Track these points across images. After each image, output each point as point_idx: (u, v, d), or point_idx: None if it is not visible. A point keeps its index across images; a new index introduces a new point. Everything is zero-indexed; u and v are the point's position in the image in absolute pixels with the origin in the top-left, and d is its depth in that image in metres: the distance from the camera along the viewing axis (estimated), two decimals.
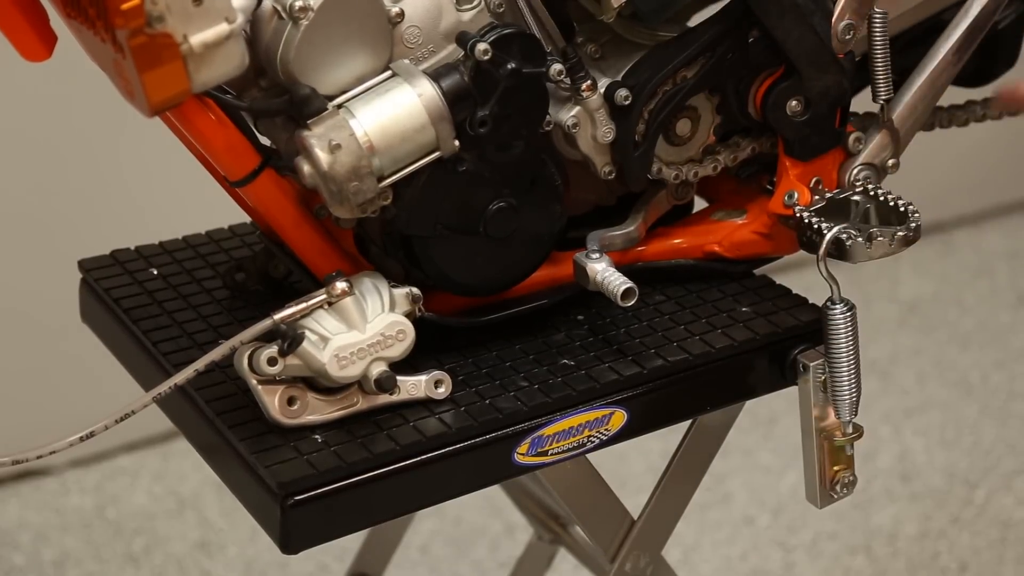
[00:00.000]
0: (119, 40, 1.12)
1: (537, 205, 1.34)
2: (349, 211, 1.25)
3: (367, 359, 1.26)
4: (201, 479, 2.56)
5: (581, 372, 1.34)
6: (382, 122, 1.23)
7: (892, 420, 2.66)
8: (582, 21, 1.36)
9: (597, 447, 1.35)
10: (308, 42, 1.22)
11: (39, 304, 2.47)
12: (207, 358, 1.25)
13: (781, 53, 1.40)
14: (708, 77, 1.39)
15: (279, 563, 2.41)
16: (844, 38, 1.39)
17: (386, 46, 1.27)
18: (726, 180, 1.49)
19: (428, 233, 1.31)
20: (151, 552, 2.45)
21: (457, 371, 1.34)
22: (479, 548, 2.46)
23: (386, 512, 1.36)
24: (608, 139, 1.37)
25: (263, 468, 1.24)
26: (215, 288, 1.47)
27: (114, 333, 1.47)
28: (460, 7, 1.29)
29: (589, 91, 1.34)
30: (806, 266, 1.55)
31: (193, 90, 1.17)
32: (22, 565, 2.42)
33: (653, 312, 1.42)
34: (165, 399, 1.27)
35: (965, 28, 1.43)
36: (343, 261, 1.33)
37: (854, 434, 1.39)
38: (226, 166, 1.27)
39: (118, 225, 1.96)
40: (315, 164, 1.23)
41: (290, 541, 1.24)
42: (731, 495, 2.55)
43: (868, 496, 2.50)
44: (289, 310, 1.26)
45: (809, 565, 2.41)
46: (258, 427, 1.27)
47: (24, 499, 2.55)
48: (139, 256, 1.52)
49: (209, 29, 1.14)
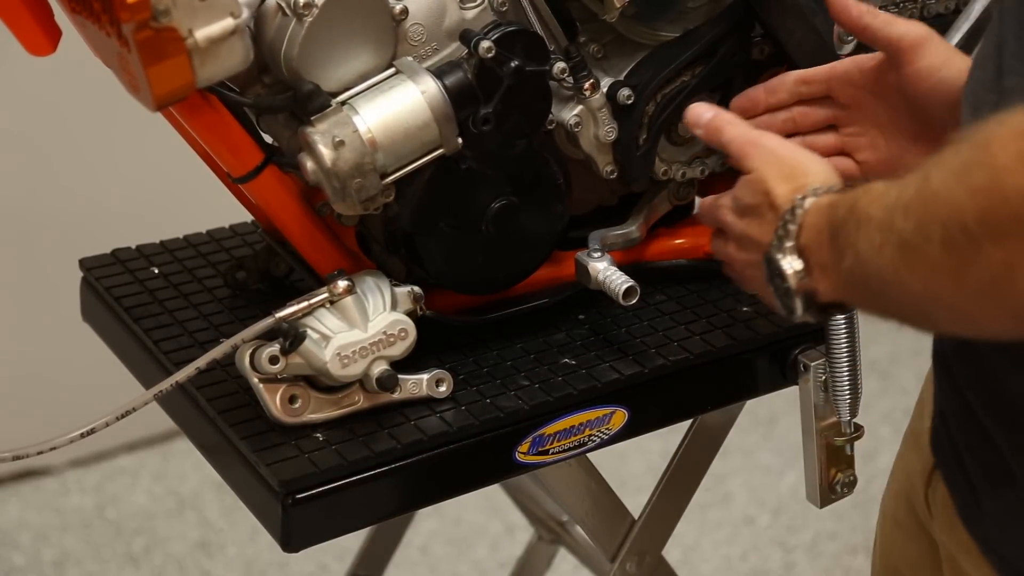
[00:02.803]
0: (124, 34, 1.12)
1: (539, 204, 1.34)
2: (352, 208, 1.25)
3: (369, 357, 1.26)
4: (201, 479, 2.56)
5: (582, 371, 1.34)
6: (385, 119, 1.23)
7: (892, 420, 2.66)
8: (585, 21, 1.36)
9: (598, 446, 1.35)
10: (312, 39, 1.22)
11: (39, 303, 2.47)
12: (208, 356, 1.25)
13: (783, 53, 1.40)
14: (710, 77, 1.39)
15: (279, 563, 2.41)
16: (846, 39, 1.39)
17: (390, 43, 1.27)
18: (727, 180, 1.49)
19: (430, 231, 1.31)
20: (151, 552, 2.45)
21: (458, 370, 1.34)
22: (479, 548, 2.46)
23: (387, 511, 1.36)
24: (610, 138, 1.37)
25: (264, 466, 1.24)
26: (216, 287, 1.47)
27: (115, 332, 1.47)
28: (464, 5, 1.29)
29: (591, 90, 1.34)
30: None
31: (197, 84, 1.17)
32: (22, 565, 2.42)
33: (654, 311, 1.42)
34: (166, 397, 1.27)
35: (966, 30, 1.43)
36: (345, 259, 1.33)
37: (854, 434, 1.39)
38: (229, 162, 1.27)
39: (119, 224, 1.97)
40: (318, 160, 1.23)
41: (291, 539, 1.24)
42: (731, 495, 2.55)
43: (868, 496, 2.50)
44: (291, 308, 1.25)
45: (809, 565, 2.41)
46: (259, 425, 1.27)
47: (24, 499, 2.55)
48: (140, 255, 1.52)
49: (214, 24, 1.14)
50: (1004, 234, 0.84)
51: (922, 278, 0.89)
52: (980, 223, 0.85)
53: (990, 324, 0.89)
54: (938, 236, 0.87)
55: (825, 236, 0.99)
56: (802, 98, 1.29)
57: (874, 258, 0.93)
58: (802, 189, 1.03)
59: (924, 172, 0.90)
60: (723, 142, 1.14)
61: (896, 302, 0.94)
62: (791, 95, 1.29)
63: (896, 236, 0.91)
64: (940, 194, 0.88)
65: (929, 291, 0.90)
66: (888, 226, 0.91)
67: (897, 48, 1.22)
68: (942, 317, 0.92)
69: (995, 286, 0.86)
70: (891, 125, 1.25)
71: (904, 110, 1.24)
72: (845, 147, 1.28)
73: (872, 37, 1.23)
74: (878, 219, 0.93)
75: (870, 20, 1.23)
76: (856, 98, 1.27)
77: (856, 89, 1.26)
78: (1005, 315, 0.87)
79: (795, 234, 1.01)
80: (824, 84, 1.28)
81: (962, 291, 0.88)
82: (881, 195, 0.93)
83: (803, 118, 1.29)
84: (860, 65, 1.26)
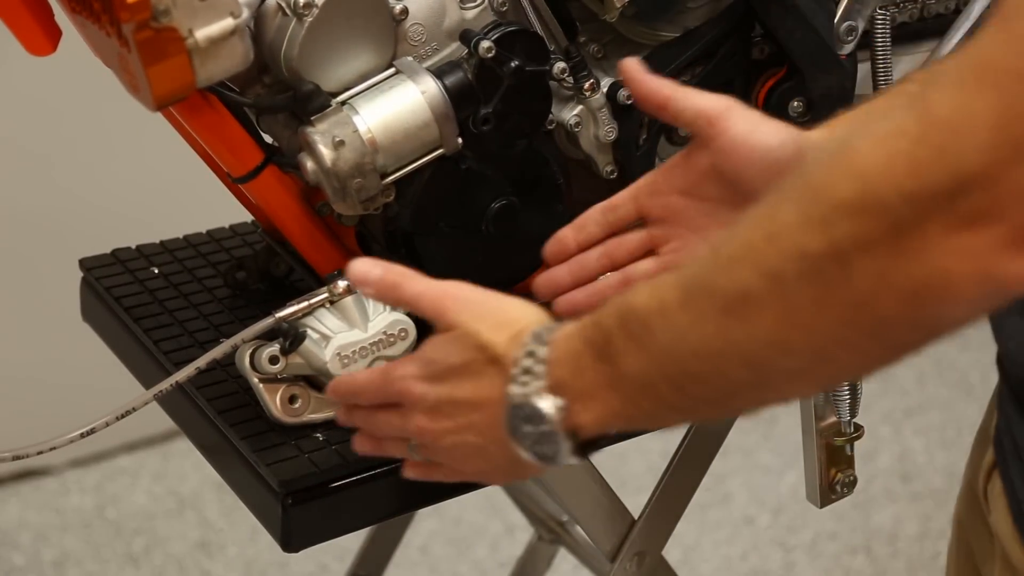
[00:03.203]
0: (124, 34, 1.12)
1: (539, 204, 1.34)
2: (352, 208, 1.25)
3: (369, 358, 1.26)
4: (201, 479, 2.56)
5: None
6: (385, 119, 1.23)
7: (892, 420, 2.67)
8: (585, 21, 1.36)
9: None
10: (312, 39, 1.22)
11: (39, 303, 2.47)
12: (208, 356, 1.25)
13: (783, 54, 1.40)
14: (710, 77, 1.39)
15: (279, 563, 2.41)
16: (846, 39, 1.39)
17: (390, 43, 1.27)
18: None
19: (430, 231, 1.31)
20: (151, 552, 2.45)
21: None
22: (479, 548, 2.46)
23: (387, 511, 1.36)
24: (610, 138, 1.37)
25: (264, 466, 1.24)
26: (216, 287, 1.47)
27: (115, 332, 1.46)
28: (464, 5, 1.29)
29: (591, 90, 1.34)
30: None
31: (198, 84, 1.17)
32: (22, 565, 2.42)
33: None
34: (166, 397, 1.27)
35: (967, 30, 1.43)
36: (345, 259, 1.33)
37: (854, 434, 1.39)
38: (229, 162, 1.27)
39: (119, 224, 1.96)
40: (318, 160, 1.23)
41: (291, 539, 1.24)
42: (731, 495, 2.55)
43: (868, 496, 2.50)
44: (291, 308, 1.26)
45: (809, 565, 2.41)
46: (259, 425, 1.27)
47: (24, 499, 2.55)
48: (140, 255, 1.52)
49: (214, 24, 1.14)
50: (875, 242, 0.80)
51: (766, 328, 0.84)
52: (851, 237, 0.80)
53: (847, 357, 0.84)
54: (796, 271, 0.82)
55: (587, 360, 0.94)
56: (612, 228, 1.22)
57: (688, 339, 0.88)
58: (522, 335, 0.98)
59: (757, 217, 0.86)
60: (407, 299, 1.06)
61: (722, 375, 0.88)
62: (601, 227, 1.22)
63: (723, 298, 0.86)
64: (795, 224, 0.82)
65: (777, 341, 0.84)
66: (703, 296, 0.87)
67: (705, 120, 1.14)
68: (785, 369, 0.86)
69: (861, 307, 0.81)
70: (712, 224, 1.18)
71: (720, 197, 1.16)
72: (667, 268, 1.13)
73: (675, 111, 1.16)
74: (678, 300, 0.88)
75: (670, 93, 1.16)
76: (667, 208, 1.19)
77: (665, 197, 1.19)
78: (864, 340, 0.83)
79: (543, 373, 0.96)
80: (631, 204, 1.21)
81: (821, 327, 0.83)
82: (663, 283, 0.90)
83: (617, 250, 1.22)
84: (663, 170, 1.20)
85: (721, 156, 1.14)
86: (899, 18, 1.46)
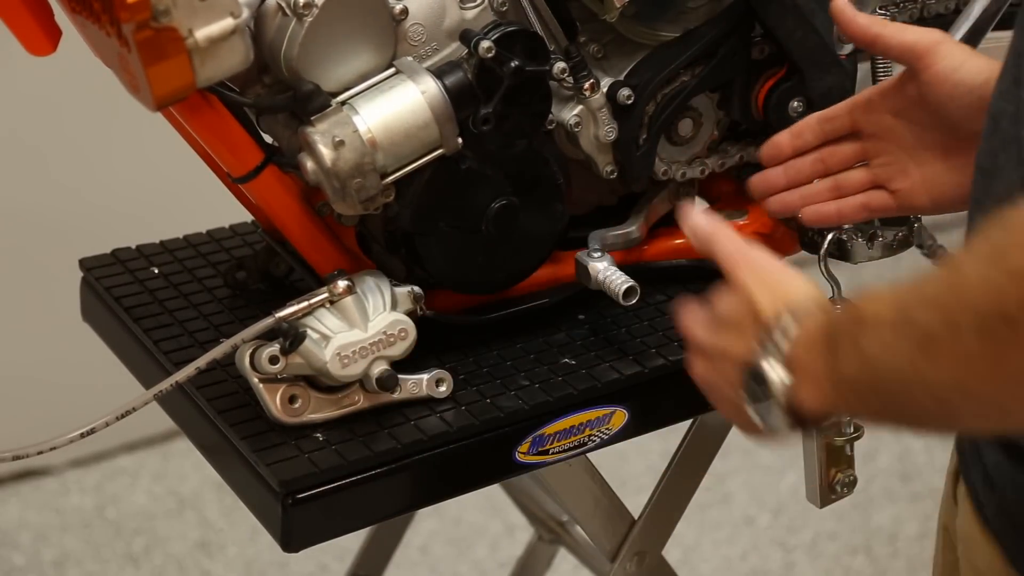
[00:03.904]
0: (124, 34, 1.12)
1: (539, 204, 1.34)
2: (352, 208, 1.25)
3: (369, 357, 1.26)
4: (201, 479, 2.56)
5: (582, 371, 1.34)
6: (385, 119, 1.23)
7: None
8: (585, 21, 1.36)
9: (598, 446, 1.35)
10: (312, 39, 1.22)
11: (39, 303, 2.47)
12: (208, 356, 1.25)
13: (783, 54, 1.40)
14: (710, 77, 1.39)
15: (279, 563, 2.41)
16: (846, 39, 1.39)
17: (390, 43, 1.27)
18: (727, 181, 1.49)
19: (430, 231, 1.31)
20: (151, 552, 2.45)
21: (458, 370, 1.34)
22: (479, 548, 2.46)
23: (387, 511, 1.36)
24: (610, 138, 1.37)
25: (264, 466, 1.24)
26: (216, 287, 1.47)
27: (115, 332, 1.47)
28: (464, 5, 1.29)
29: (591, 90, 1.34)
30: (807, 266, 1.55)
31: (198, 84, 1.17)
32: (22, 565, 2.42)
33: (654, 311, 1.42)
34: (166, 397, 1.27)
35: (967, 30, 1.43)
36: (345, 259, 1.33)
37: (854, 434, 1.39)
38: (229, 162, 1.27)
39: (119, 224, 1.96)
40: (318, 160, 1.23)
41: (291, 539, 1.24)
42: (731, 495, 2.55)
43: (868, 496, 2.50)
44: (291, 308, 1.26)
45: (809, 565, 2.41)
46: (259, 425, 1.27)
47: (24, 499, 2.55)
48: (140, 255, 1.52)
49: (214, 24, 1.15)
50: None
51: (949, 371, 0.88)
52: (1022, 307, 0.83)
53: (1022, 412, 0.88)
54: (972, 325, 0.86)
55: (819, 347, 0.97)
56: (827, 137, 1.29)
57: (889, 359, 0.92)
58: (785, 301, 1.02)
59: (951, 264, 0.89)
60: (714, 253, 1.12)
61: (915, 402, 0.92)
62: (816, 135, 1.29)
63: (918, 332, 0.89)
64: (973, 281, 0.86)
65: (958, 384, 0.88)
66: (905, 323, 0.90)
67: (912, 54, 1.21)
68: (968, 411, 0.90)
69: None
70: (919, 145, 1.25)
71: (929, 124, 1.23)
72: (877, 180, 1.28)
73: (885, 46, 1.23)
74: (891, 319, 0.92)
75: (880, 29, 1.23)
76: (880, 124, 1.26)
77: (879, 115, 1.26)
78: None
79: (783, 345, 1.00)
80: (847, 117, 1.28)
81: (996, 381, 0.86)
82: (890, 296, 0.93)
83: (831, 157, 1.29)
84: (879, 89, 1.26)
85: (927, 89, 1.21)
86: (899, 18, 1.46)
